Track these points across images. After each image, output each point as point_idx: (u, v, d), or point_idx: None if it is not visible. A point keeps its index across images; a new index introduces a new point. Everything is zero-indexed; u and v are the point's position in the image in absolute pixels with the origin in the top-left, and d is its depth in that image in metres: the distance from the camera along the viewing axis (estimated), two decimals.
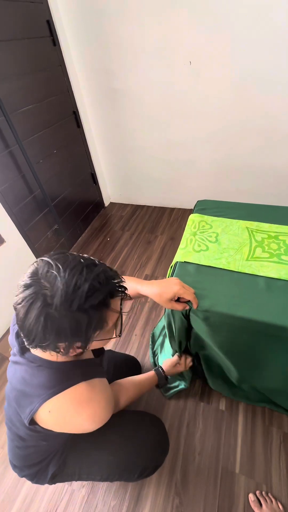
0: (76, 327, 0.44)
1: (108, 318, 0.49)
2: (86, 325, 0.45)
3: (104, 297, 0.46)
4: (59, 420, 0.55)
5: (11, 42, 1.30)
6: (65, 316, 0.43)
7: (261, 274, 0.74)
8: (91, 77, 1.77)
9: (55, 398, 0.52)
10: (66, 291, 0.42)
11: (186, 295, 0.67)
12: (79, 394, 0.54)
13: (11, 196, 1.43)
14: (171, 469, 0.96)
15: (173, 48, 1.49)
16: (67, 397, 0.53)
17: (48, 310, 0.42)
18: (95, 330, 0.48)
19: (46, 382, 0.53)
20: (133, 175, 2.23)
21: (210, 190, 2.03)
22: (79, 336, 0.46)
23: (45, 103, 1.57)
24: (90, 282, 0.44)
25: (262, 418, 1.04)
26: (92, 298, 0.44)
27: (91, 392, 0.55)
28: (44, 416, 0.54)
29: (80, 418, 0.54)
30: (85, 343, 0.48)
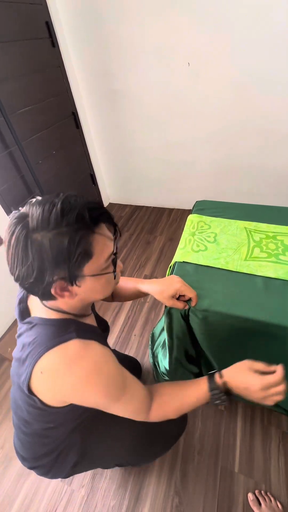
0: (57, 250, 0.41)
1: (95, 244, 0.45)
2: (67, 247, 0.42)
3: (81, 213, 0.43)
4: (51, 383, 0.49)
5: (10, 43, 1.30)
6: (44, 236, 0.41)
7: (259, 274, 0.74)
8: (90, 78, 1.77)
9: (45, 356, 0.47)
10: (42, 210, 0.42)
11: (187, 292, 0.67)
12: (71, 351, 0.48)
13: (10, 196, 1.43)
14: (170, 469, 0.96)
15: (172, 48, 1.50)
16: (58, 353, 0.48)
17: (27, 234, 0.41)
18: (81, 258, 0.44)
19: (39, 339, 0.50)
20: (132, 176, 2.23)
21: (209, 190, 2.04)
22: (63, 263, 0.43)
23: (44, 104, 1.58)
24: (63, 200, 0.43)
25: (261, 418, 1.04)
26: (69, 215, 0.42)
27: (84, 350, 0.49)
28: (37, 380, 0.49)
29: (73, 377, 0.48)
30: (73, 274, 0.44)
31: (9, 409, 1.19)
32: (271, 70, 1.44)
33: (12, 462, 1.04)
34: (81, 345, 0.49)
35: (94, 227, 0.45)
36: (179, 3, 1.35)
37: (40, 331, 0.51)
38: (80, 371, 0.48)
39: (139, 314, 1.50)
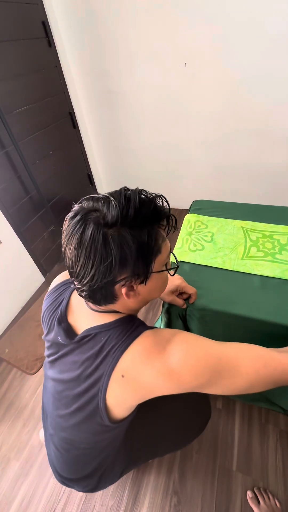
0: (139, 245, 0.39)
1: (162, 240, 0.44)
2: (147, 242, 0.40)
3: (154, 208, 0.41)
4: (137, 384, 0.44)
5: (6, 43, 1.30)
6: (124, 231, 0.39)
7: (256, 273, 0.75)
8: (87, 78, 1.77)
9: (124, 357, 0.44)
10: (118, 205, 0.39)
11: (187, 289, 0.68)
12: (149, 342, 0.44)
13: (7, 197, 1.42)
14: (168, 468, 0.96)
15: (168, 49, 1.51)
16: (138, 348, 0.44)
17: (104, 230, 0.38)
18: (156, 253, 0.43)
19: (108, 345, 0.45)
20: (129, 176, 2.23)
21: (206, 190, 2.05)
22: (143, 258, 0.41)
23: (41, 104, 1.57)
24: (138, 195, 0.40)
25: (259, 416, 1.05)
26: (144, 209, 0.40)
27: (158, 337, 0.45)
28: (117, 388, 0.44)
29: (170, 363, 0.42)
30: (147, 270, 0.42)
31: (7, 410, 1.19)
32: (266, 70, 1.45)
33: (10, 463, 1.03)
34: (153, 333, 0.46)
35: (160, 223, 0.44)
36: (176, 4, 1.36)
37: (107, 337, 0.47)
38: (176, 352, 0.42)
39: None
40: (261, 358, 0.45)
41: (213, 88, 1.58)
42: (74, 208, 0.43)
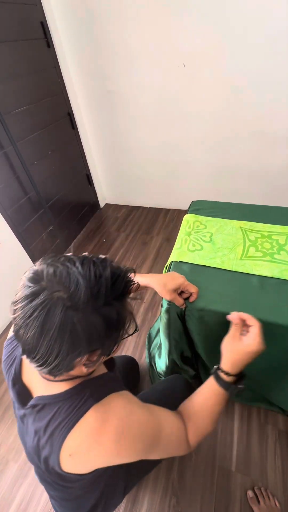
0: (107, 326, 0.38)
1: (128, 308, 0.43)
2: (116, 320, 0.39)
3: (125, 283, 0.40)
4: (84, 461, 0.45)
5: (5, 43, 1.30)
6: (93, 314, 0.37)
7: (254, 273, 0.75)
8: (86, 79, 1.77)
9: (69, 438, 0.43)
10: (88, 284, 0.36)
11: (190, 287, 0.67)
12: (92, 422, 0.44)
13: (6, 197, 1.42)
14: (168, 469, 0.96)
15: (167, 49, 1.51)
16: (81, 430, 0.43)
17: (71, 313, 0.35)
18: (123, 326, 0.42)
19: (55, 421, 0.45)
20: (128, 176, 2.24)
21: (205, 191, 2.05)
22: (111, 337, 0.40)
23: (39, 104, 1.57)
24: (109, 269, 0.38)
25: (258, 416, 1.05)
26: (116, 285, 0.39)
27: (105, 413, 0.45)
28: (68, 463, 0.44)
29: (104, 447, 0.43)
30: (114, 345, 0.42)
31: (5, 412, 1.18)
32: (266, 71, 1.45)
33: (9, 465, 1.03)
34: (100, 410, 0.45)
35: (130, 293, 0.43)
36: (175, 4, 1.36)
37: (54, 412, 0.45)
38: (109, 438, 0.43)
39: (135, 315, 1.50)
40: (179, 442, 0.53)
41: (212, 89, 1.59)
42: (31, 280, 0.37)
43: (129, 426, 0.45)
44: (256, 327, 0.54)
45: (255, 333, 0.54)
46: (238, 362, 0.54)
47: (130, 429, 0.45)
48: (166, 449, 0.52)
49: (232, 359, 0.55)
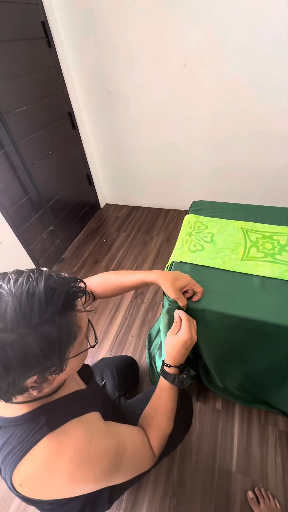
0: (46, 345, 0.35)
1: (78, 323, 0.40)
2: (57, 338, 0.36)
3: (66, 296, 0.37)
4: (37, 492, 0.43)
5: (6, 43, 1.30)
6: (27, 335, 0.34)
7: (256, 274, 0.75)
8: (86, 79, 1.77)
9: (19, 468, 0.40)
10: (19, 304, 0.34)
11: (196, 287, 0.68)
12: (45, 452, 0.41)
13: (6, 197, 1.42)
14: (168, 470, 0.96)
15: (168, 50, 1.51)
16: (32, 461, 0.41)
17: (3, 336, 0.33)
18: (70, 342, 0.39)
19: (7, 448, 0.42)
20: (129, 177, 2.24)
21: (206, 191, 2.05)
22: (53, 356, 0.37)
23: (40, 104, 1.57)
24: (44, 284, 0.36)
25: (258, 417, 1.05)
26: (53, 301, 0.36)
27: (60, 444, 0.42)
28: (23, 491, 0.42)
29: (57, 480, 0.41)
30: (61, 363, 0.39)
31: None
32: (266, 72, 1.46)
33: None
34: (54, 440, 0.42)
35: (76, 305, 0.40)
36: (176, 5, 1.36)
37: (7, 436, 0.43)
38: (62, 470, 0.41)
39: (136, 315, 1.50)
40: (143, 458, 0.54)
41: (213, 89, 1.59)
42: None
43: (86, 458, 0.43)
44: (185, 321, 0.64)
45: (183, 325, 0.64)
46: (175, 354, 0.62)
47: (86, 460, 0.42)
48: (131, 470, 0.52)
49: (170, 351, 0.62)
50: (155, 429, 0.59)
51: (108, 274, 0.75)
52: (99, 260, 1.90)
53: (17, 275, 0.37)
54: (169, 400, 0.62)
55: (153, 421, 0.60)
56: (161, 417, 0.60)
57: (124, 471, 0.50)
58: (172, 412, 0.61)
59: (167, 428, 0.60)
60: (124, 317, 1.49)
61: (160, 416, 0.61)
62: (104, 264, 1.86)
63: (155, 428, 0.59)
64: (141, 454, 0.54)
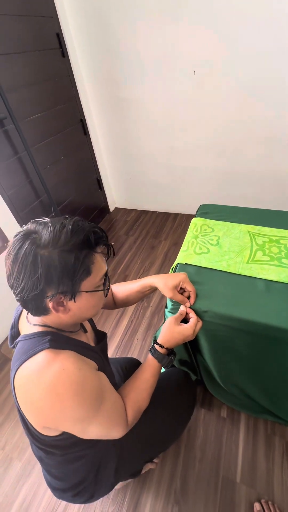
0: (64, 266, 0.44)
1: (95, 263, 0.49)
2: (73, 263, 0.45)
3: (87, 235, 0.47)
4: (26, 398, 0.48)
5: (23, 54, 1.36)
6: (53, 253, 0.44)
7: (261, 277, 0.73)
8: (98, 86, 1.83)
9: (19, 371, 0.48)
10: (53, 230, 0.45)
11: (188, 286, 0.70)
12: (40, 361, 0.47)
13: (19, 200, 1.47)
14: (170, 476, 0.94)
15: (177, 57, 1.54)
16: (28, 366, 0.48)
17: (36, 249, 0.44)
18: (83, 274, 0.47)
19: (16, 356, 0.51)
20: (138, 181, 2.26)
21: (214, 195, 2.05)
22: (68, 278, 0.45)
23: (53, 111, 1.63)
24: (73, 222, 0.47)
25: (264, 427, 1.01)
26: (77, 234, 0.46)
27: (53, 360, 0.47)
28: (19, 399, 0.49)
29: (42, 386, 0.46)
30: (73, 289, 0.47)
31: (11, 410, 1.20)
32: (276, 78, 1.45)
33: (13, 463, 1.04)
34: (50, 354, 0.48)
35: (95, 248, 0.49)
36: (186, 13, 1.39)
37: (19, 348, 0.52)
38: (47, 379, 0.46)
39: (142, 318, 1.49)
40: (117, 422, 0.57)
41: (223, 95, 1.60)
42: (22, 228, 0.48)
43: (71, 378, 0.47)
44: (194, 319, 0.68)
45: (192, 321, 0.67)
46: (172, 340, 0.66)
47: (70, 381, 0.47)
48: (106, 420, 0.54)
49: (168, 336, 0.67)
50: (132, 401, 0.62)
51: (114, 286, 0.83)
52: (107, 263, 1.91)
53: (59, 218, 0.49)
54: (152, 376, 0.66)
55: (132, 393, 0.63)
56: (141, 391, 0.64)
57: (98, 421, 0.52)
58: (152, 389, 0.65)
59: (143, 403, 0.63)
60: (130, 320, 1.50)
61: (140, 390, 0.64)
62: (112, 267, 1.87)
63: (133, 400, 0.62)
64: (117, 415, 0.57)
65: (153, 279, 0.73)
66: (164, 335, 0.67)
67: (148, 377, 0.65)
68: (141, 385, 0.64)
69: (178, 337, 0.66)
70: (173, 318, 0.68)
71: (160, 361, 0.66)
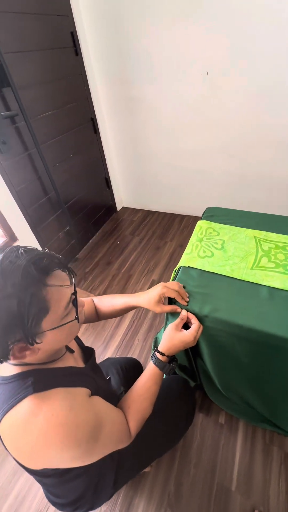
0: (7, 316, 0.38)
1: (50, 297, 0.41)
2: (17, 310, 0.38)
3: (26, 270, 0.39)
4: (14, 449, 0.45)
5: (36, 52, 1.38)
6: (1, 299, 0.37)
7: (265, 284, 0.72)
8: (110, 86, 1.83)
9: (2, 422, 0.43)
10: None
11: (169, 294, 0.68)
12: (24, 410, 0.43)
13: (27, 197, 1.49)
14: (165, 480, 0.93)
15: (190, 58, 1.52)
16: (12, 416, 0.43)
17: None
18: (37, 315, 0.40)
19: (0, 400, 0.45)
20: (146, 181, 2.26)
21: (223, 198, 2.02)
22: (18, 327, 0.39)
23: (65, 109, 1.64)
24: (1, 259, 0.39)
25: (263, 436, 0.99)
26: (12, 274, 0.38)
27: (39, 406, 0.43)
28: (8, 448, 0.45)
29: (29, 438, 0.42)
30: (30, 335, 0.40)
31: None
32: None
33: (9, 457, 1.05)
34: (35, 401, 0.44)
35: (45, 279, 0.41)
36: (201, 16, 1.38)
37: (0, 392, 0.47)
38: (36, 428, 0.42)
39: (143, 319, 1.49)
40: (119, 439, 0.56)
41: (235, 97, 1.57)
42: None
43: (63, 423, 0.44)
44: (196, 325, 0.66)
45: (193, 328, 0.65)
46: (173, 347, 0.65)
47: (63, 425, 0.43)
48: (108, 442, 0.53)
49: (170, 343, 0.65)
50: (135, 411, 0.60)
51: (97, 298, 0.80)
52: (112, 261, 1.92)
53: None
54: (155, 384, 0.64)
55: (134, 404, 0.62)
56: (144, 400, 0.62)
57: (100, 446, 0.51)
58: (154, 397, 0.64)
59: (146, 411, 0.62)
60: (132, 320, 1.49)
61: (143, 399, 0.63)
62: (117, 266, 1.88)
63: (135, 411, 0.61)
64: (118, 433, 0.56)
65: (135, 299, 0.71)
66: (164, 343, 0.66)
67: (150, 385, 0.64)
68: (144, 394, 0.63)
69: (179, 344, 0.64)
70: (173, 325, 0.67)
71: (161, 369, 0.65)
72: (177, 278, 0.80)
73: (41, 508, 0.92)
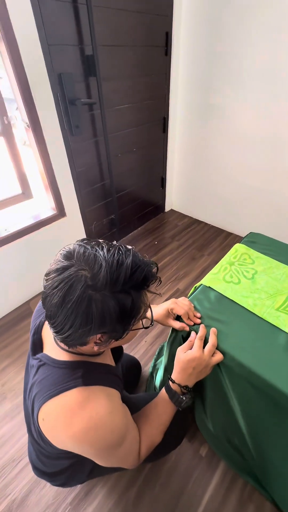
0: (120, 312, 0.40)
1: (146, 301, 0.45)
2: (130, 308, 0.41)
3: (146, 275, 0.42)
4: (52, 432, 0.48)
5: (129, 47, 1.45)
6: (109, 298, 0.39)
7: (286, 330, 0.65)
8: (190, 89, 1.82)
9: (47, 404, 0.46)
10: (110, 269, 0.39)
11: (177, 310, 0.67)
12: (72, 401, 0.45)
13: (84, 179, 1.59)
14: (128, 484, 0.92)
15: (281, 72, 1.42)
16: (59, 403, 0.46)
17: (90, 292, 0.38)
18: (135, 316, 0.43)
19: (45, 383, 0.48)
20: (202, 189, 2.21)
21: (276, 226, 1.86)
22: (122, 322, 0.42)
23: (141, 105, 1.69)
24: (131, 258, 0.41)
25: (242, 488, 0.91)
26: (135, 275, 0.40)
27: (86, 401, 0.45)
28: (41, 425, 0.48)
29: (72, 430, 0.44)
30: (124, 331, 0.44)
31: (19, 357, 1.34)
32: None
33: (3, 402, 1.16)
34: (84, 395, 0.46)
35: (149, 285, 0.45)
36: None
37: (47, 374, 0.49)
38: (79, 424, 0.44)
39: (155, 324, 1.48)
40: (131, 456, 0.56)
41: None
42: (63, 257, 0.41)
43: (101, 425, 0.45)
44: (196, 339, 0.61)
45: (196, 344, 0.60)
46: (182, 371, 0.60)
47: (101, 427, 0.45)
48: (120, 459, 0.53)
49: (178, 367, 0.61)
50: (146, 435, 0.60)
51: None
52: None
53: (109, 245, 0.43)
54: (164, 413, 0.61)
55: (146, 428, 0.60)
56: (154, 428, 0.61)
57: (117, 456, 0.52)
58: (165, 426, 0.61)
59: (156, 439, 0.61)
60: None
61: (153, 426, 0.61)
62: None
63: (147, 436, 0.60)
64: (133, 450, 0.56)
65: (156, 312, 0.70)
66: (174, 368, 0.62)
67: (160, 413, 0.62)
68: (154, 421, 0.62)
69: (184, 365, 0.59)
70: (180, 348, 0.63)
71: (171, 398, 0.61)
72: (193, 295, 0.78)
73: (16, 457, 1.00)
